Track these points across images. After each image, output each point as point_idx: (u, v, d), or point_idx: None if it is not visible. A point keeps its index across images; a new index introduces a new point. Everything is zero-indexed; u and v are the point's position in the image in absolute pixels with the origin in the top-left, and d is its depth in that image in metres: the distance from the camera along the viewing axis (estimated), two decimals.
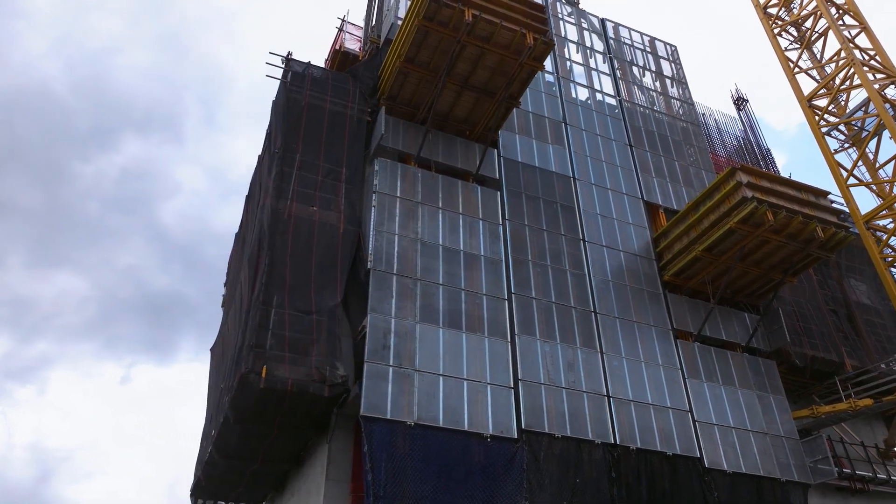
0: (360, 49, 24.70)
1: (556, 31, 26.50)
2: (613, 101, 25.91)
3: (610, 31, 28.55)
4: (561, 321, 18.50)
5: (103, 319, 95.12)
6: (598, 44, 27.80)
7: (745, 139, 33.86)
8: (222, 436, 17.64)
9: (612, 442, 16.89)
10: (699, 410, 18.79)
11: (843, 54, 26.04)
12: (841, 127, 26.84)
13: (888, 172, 25.07)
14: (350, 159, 19.17)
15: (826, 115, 26.26)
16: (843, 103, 26.58)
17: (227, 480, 20.05)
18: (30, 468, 79.62)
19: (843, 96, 26.32)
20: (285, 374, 15.02)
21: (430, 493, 14.42)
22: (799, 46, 28.35)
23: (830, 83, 26.38)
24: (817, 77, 27.72)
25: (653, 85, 27.76)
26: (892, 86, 25.22)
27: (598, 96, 25.66)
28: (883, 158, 25.36)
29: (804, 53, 28.17)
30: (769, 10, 29.43)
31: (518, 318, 17.88)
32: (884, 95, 24.78)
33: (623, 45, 28.43)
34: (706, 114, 32.56)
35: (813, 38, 27.90)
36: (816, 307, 24.23)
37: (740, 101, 35.54)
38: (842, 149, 26.11)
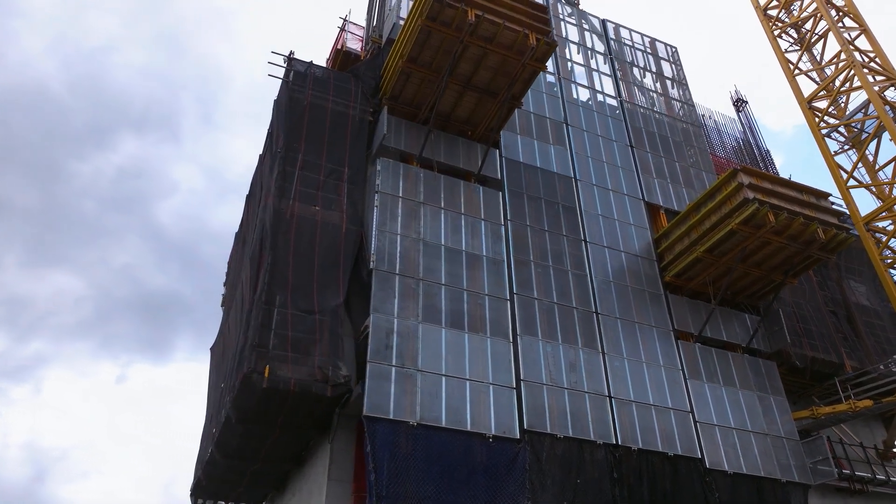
0: (361, 49, 24.68)
1: (557, 31, 26.50)
2: (614, 102, 25.94)
3: (611, 32, 28.58)
4: (563, 322, 18.52)
5: (99, 318, 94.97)
6: (598, 45, 27.83)
7: (744, 140, 33.95)
8: (224, 435, 17.61)
9: (613, 442, 16.92)
10: (700, 411, 18.82)
11: (843, 56, 26.11)
12: (841, 129, 26.92)
13: (888, 174, 25.17)
14: (352, 159, 19.15)
15: (826, 117, 26.33)
16: (842, 105, 26.65)
17: (228, 480, 20.01)
18: (25, 468, 79.44)
19: (843, 98, 26.39)
20: (288, 373, 14.99)
21: (432, 493, 14.43)
22: (799, 48, 28.43)
23: (830, 85, 26.44)
24: (817, 79, 27.79)
25: (653, 86, 27.80)
26: (892, 88, 25.31)
27: (599, 97, 25.69)
28: (882, 160, 25.50)
29: (804, 55, 28.26)
30: (769, 12, 29.52)
31: (520, 318, 17.89)
32: (883, 97, 24.85)
33: (624, 46, 28.46)
34: (705, 115, 32.61)
35: (813, 40, 27.98)
36: (816, 308, 24.30)
37: (739, 103, 35.62)
38: (842, 150, 26.21)
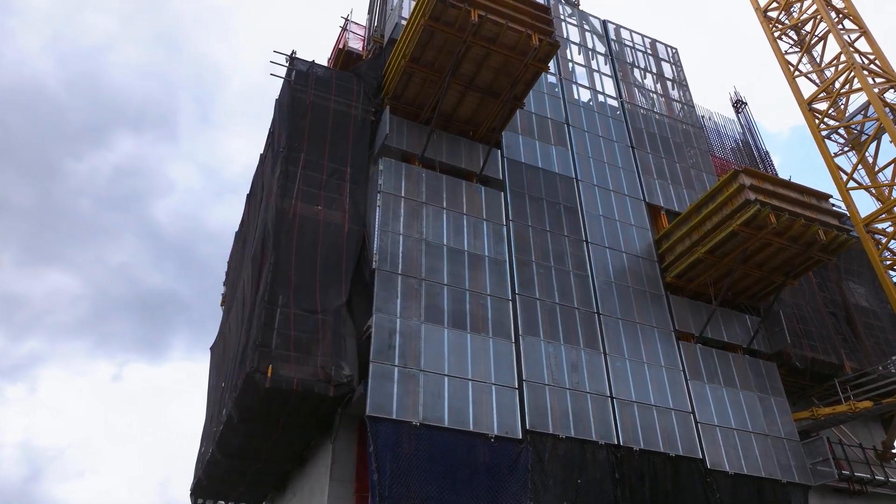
0: (363, 48, 24.66)
1: (558, 32, 26.50)
2: (615, 103, 25.96)
3: (611, 33, 28.61)
4: (564, 322, 18.53)
5: (95, 317, 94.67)
6: (599, 45, 27.86)
7: (743, 141, 34.03)
8: (225, 435, 17.58)
9: (615, 443, 16.94)
10: (701, 412, 18.86)
11: (842, 58, 26.16)
12: (840, 130, 26.96)
13: (887, 176, 25.22)
14: (354, 159, 19.12)
15: (826, 119, 26.38)
16: (842, 107, 26.70)
17: (229, 480, 19.98)
18: (20, 467, 79.06)
19: (843, 100, 26.43)
20: (290, 373, 14.98)
21: (435, 493, 14.43)
22: (799, 50, 28.48)
23: (830, 87, 26.49)
24: (817, 81, 27.83)
25: (654, 87, 27.83)
26: (892, 90, 25.37)
27: (600, 98, 25.72)
28: (882, 162, 25.53)
29: (804, 57, 28.30)
30: (769, 14, 29.56)
31: (522, 318, 17.89)
32: (883, 99, 24.92)
33: (624, 47, 28.50)
34: (705, 116, 32.68)
35: (813, 42, 28.03)
36: (816, 309, 24.36)
37: (739, 104, 35.69)
38: (841, 152, 26.23)
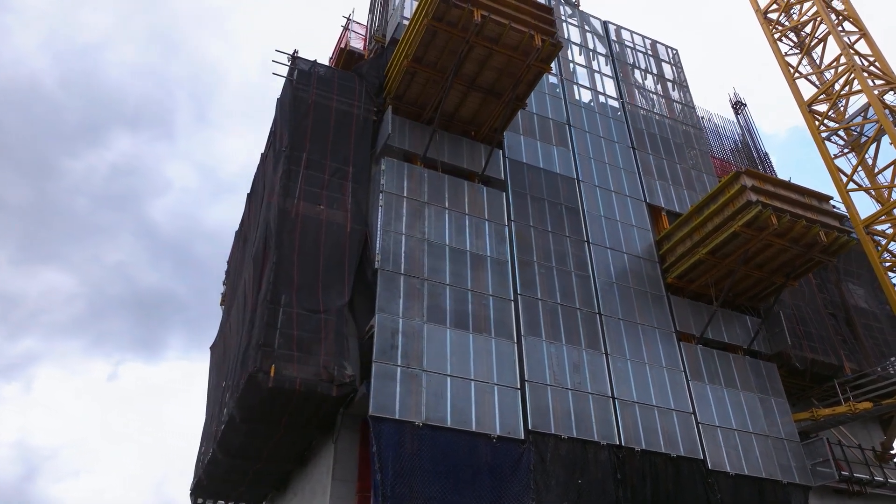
0: (364, 48, 24.65)
1: (560, 33, 26.47)
2: (616, 104, 25.99)
3: (612, 34, 28.64)
4: (566, 322, 18.54)
5: (91, 316, 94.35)
6: (600, 46, 27.88)
7: (742, 142, 34.10)
8: (226, 434, 17.54)
9: (617, 443, 16.95)
10: (702, 412, 18.88)
11: (842, 60, 26.22)
12: (840, 132, 27.02)
13: (887, 177, 25.27)
14: (356, 158, 19.10)
15: (826, 121, 26.44)
16: (842, 109, 26.76)
17: (230, 480, 19.93)
18: (14, 466, 78.66)
19: (843, 101, 26.49)
20: (293, 373, 14.95)
21: (437, 493, 14.41)
22: (799, 52, 28.53)
23: (830, 89, 26.54)
24: (817, 82, 27.89)
25: (654, 88, 27.87)
26: (892, 92, 25.44)
27: (601, 98, 25.74)
28: (882, 163, 25.59)
29: (803, 59, 28.35)
30: (769, 16, 29.62)
31: (524, 319, 17.90)
32: (883, 101, 24.99)
33: (625, 48, 28.53)
34: (704, 117, 32.73)
35: (812, 44, 28.09)
36: (816, 311, 24.42)
37: (738, 105, 35.76)
38: (841, 154, 26.28)
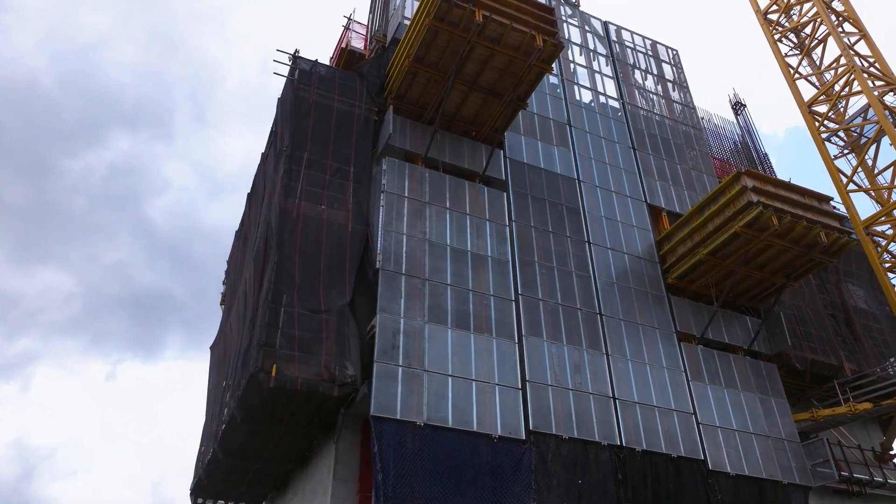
0: (365, 48, 24.63)
1: (560, 33, 26.45)
2: (616, 104, 25.99)
3: (612, 35, 28.64)
4: (567, 323, 18.55)
5: (89, 316, 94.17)
6: (600, 47, 27.89)
7: (742, 143, 34.13)
8: (227, 434, 17.53)
9: (618, 444, 16.96)
10: (703, 413, 18.90)
11: (842, 61, 26.25)
12: (840, 133, 27.05)
13: (886, 178, 25.32)
14: (357, 158, 19.09)
15: (826, 122, 26.47)
16: (841, 109, 26.79)
17: (230, 479, 19.91)
18: (12, 466, 78.45)
19: (843, 102, 26.53)
20: (295, 373, 14.93)
21: (439, 493, 14.41)
22: (799, 53, 28.56)
23: (830, 90, 26.58)
24: (816, 83, 27.91)
25: (654, 88, 27.89)
26: (892, 93, 25.48)
27: (601, 99, 25.75)
28: (881, 164, 25.63)
29: (803, 60, 28.38)
30: (770, 17, 29.65)
31: (525, 319, 17.90)
32: (883, 102, 25.02)
33: (625, 49, 28.54)
34: (704, 118, 32.75)
35: (812, 45, 28.11)
36: (815, 311, 24.45)
37: (738, 106, 35.79)
38: (841, 154, 26.32)
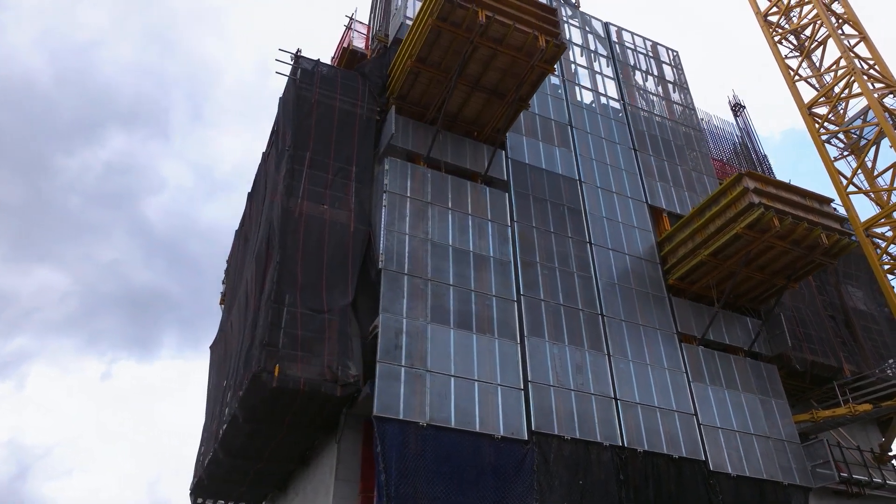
0: (366, 47, 24.61)
1: (562, 34, 26.49)
2: (617, 105, 26.01)
3: (613, 36, 28.66)
4: (569, 323, 18.56)
5: (85, 315, 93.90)
6: (601, 48, 27.90)
7: (741, 144, 34.19)
8: (228, 434, 17.50)
9: (619, 444, 16.97)
10: (704, 414, 18.92)
11: (842, 63, 26.32)
12: (839, 135, 27.13)
13: (886, 180, 25.40)
14: (359, 158, 19.07)
15: (826, 123, 26.54)
16: (841, 111, 26.87)
17: (231, 479, 19.86)
18: (7, 465, 78.07)
19: (842, 104, 26.61)
20: (298, 373, 14.91)
21: (442, 493, 14.40)
22: (799, 55, 28.63)
23: (830, 92, 26.64)
24: (816, 85, 27.99)
25: (655, 89, 27.92)
26: (891, 95, 25.55)
27: (602, 100, 25.76)
28: (881, 166, 25.73)
29: (803, 62, 28.45)
30: (769, 18, 29.71)
31: (527, 319, 17.90)
32: (883, 104, 25.09)
33: (626, 50, 28.56)
34: (704, 119, 32.79)
35: (812, 47, 28.18)
36: (815, 313, 24.51)
37: (737, 107, 35.85)
38: (841, 157, 26.40)
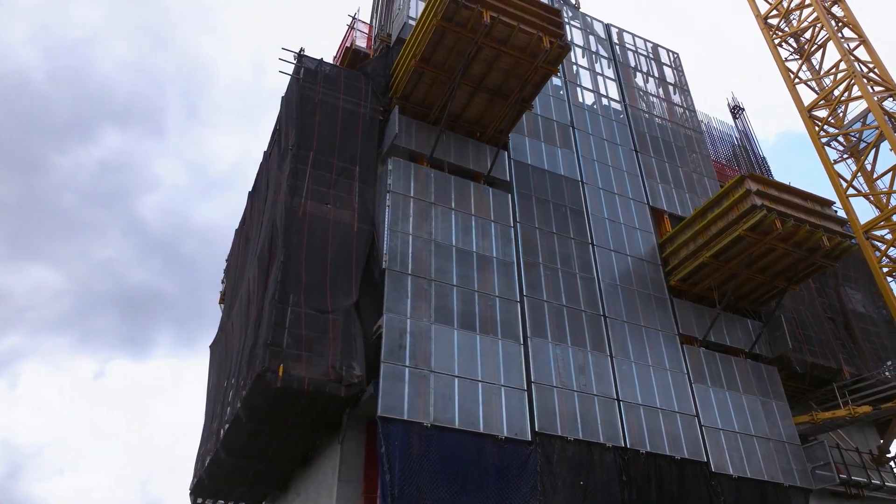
0: (368, 47, 24.57)
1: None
2: (618, 106, 26.04)
3: (614, 37, 28.69)
4: (571, 324, 18.57)
5: (78, 313, 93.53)
6: (602, 49, 27.93)
7: (740, 146, 34.29)
8: (230, 434, 17.45)
9: (622, 445, 16.98)
10: (705, 415, 18.96)
11: (842, 66, 26.44)
12: (839, 138, 27.26)
13: (885, 183, 25.53)
14: (363, 158, 19.04)
15: (825, 126, 26.65)
16: (840, 115, 26.99)
17: (231, 479, 19.80)
18: None
19: (842, 108, 26.72)
20: (302, 373, 14.88)
21: (446, 494, 14.39)
22: (799, 58, 28.74)
23: (830, 95, 26.75)
24: (816, 88, 28.10)
25: (656, 91, 27.97)
26: (891, 98, 25.67)
27: (604, 101, 25.79)
28: (880, 169, 25.87)
29: (803, 65, 28.55)
30: (769, 21, 29.81)
31: (530, 320, 17.90)
32: (882, 107, 25.20)
33: (627, 51, 28.60)
34: (703, 121, 32.86)
35: (812, 50, 28.28)
36: (815, 315, 24.59)
37: (736, 110, 35.96)
38: (841, 159, 26.52)
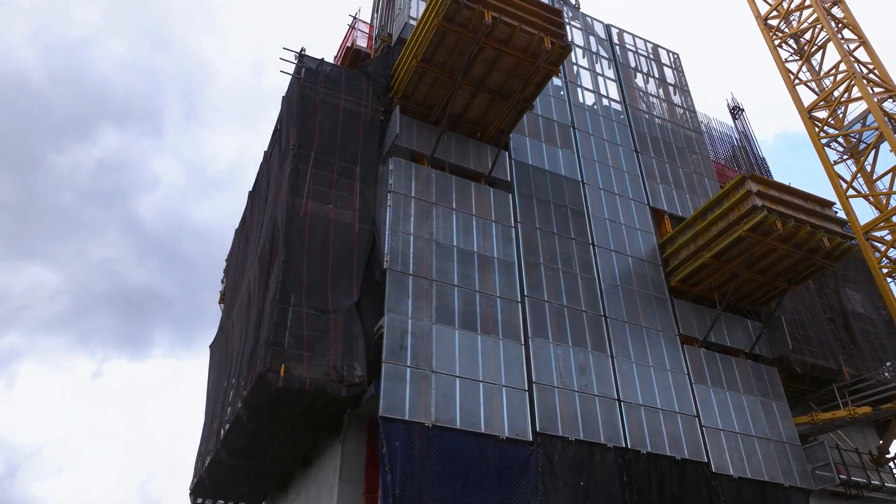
0: (369, 47, 24.56)
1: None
2: (619, 107, 26.05)
3: (614, 38, 28.71)
4: (572, 325, 18.57)
5: (76, 313, 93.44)
6: (602, 49, 27.94)
7: (739, 147, 34.33)
8: (231, 434, 17.43)
9: (623, 446, 16.99)
10: (706, 415, 18.97)
11: (842, 67, 26.46)
12: (839, 139, 27.28)
13: (885, 184, 25.56)
14: (364, 158, 19.03)
15: (825, 127, 26.68)
16: (840, 115, 27.02)
17: (232, 479, 19.79)
18: None
19: (842, 108, 26.75)
20: (303, 373, 14.87)
21: (447, 494, 14.39)
22: (799, 59, 28.77)
23: (830, 96, 26.78)
24: (816, 89, 28.13)
25: (656, 91, 27.98)
26: (890, 99, 25.71)
27: (604, 101, 25.80)
28: (880, 170, 25.88)
29: (803, 66, 28.58)
30: (769, 22, 29.84)
31: (531, 320, 17.91)
32: (882, 108, 25.23)
33: (627, 52, 28.61)
34: (703, 122, 32.89)
35: (812, 51, 28.31)
36: (815, 315, 24.62)
37: (736, 110, 36.01)
38: (840, 160, 26.55)
